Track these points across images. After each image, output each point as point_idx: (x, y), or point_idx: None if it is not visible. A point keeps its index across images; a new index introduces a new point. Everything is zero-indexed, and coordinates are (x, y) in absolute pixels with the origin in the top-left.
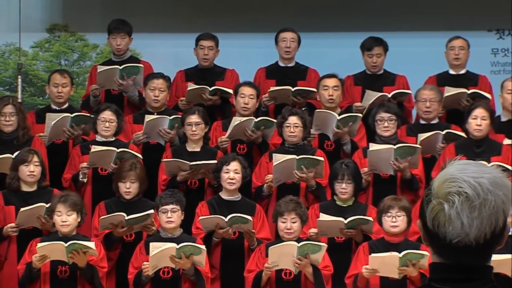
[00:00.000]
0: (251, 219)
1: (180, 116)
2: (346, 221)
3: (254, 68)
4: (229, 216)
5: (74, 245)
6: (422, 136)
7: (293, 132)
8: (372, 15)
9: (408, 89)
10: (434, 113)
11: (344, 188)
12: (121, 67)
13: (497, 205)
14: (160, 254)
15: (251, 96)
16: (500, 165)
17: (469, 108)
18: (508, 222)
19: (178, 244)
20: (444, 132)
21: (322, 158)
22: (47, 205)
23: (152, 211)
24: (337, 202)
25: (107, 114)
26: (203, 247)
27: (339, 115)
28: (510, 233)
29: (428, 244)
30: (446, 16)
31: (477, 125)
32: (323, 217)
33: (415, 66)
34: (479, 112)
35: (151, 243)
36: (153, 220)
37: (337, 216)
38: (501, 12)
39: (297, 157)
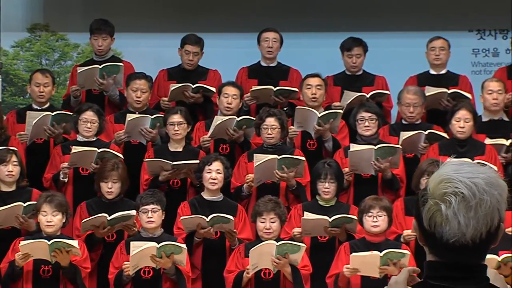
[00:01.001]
0: (232, 219)
1: (162, 115)
2: (330, 220)
3: (236, 68)
4: (210, 216)
5: (58, 244)
6: (404, 135)
7: (271, 134)
8: (353, 15)
9: (387, 89)
10: (417, 116)
11: (327, 188)
12: (101, 66)
13: (492, 204)
14: (140, 254)
15: (234, 96)
16: (482, 163)
17: (452, 110)
18: (502, 224)
19: (158, 244)
20: (426, 132)
21: (303, 158)
22: (25, 205)
23: (134, 211)
24: (320, 202)
25: (89, 115)
26: (184, 246)
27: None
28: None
29: (423, 244)
30: (427, 16)
31: (460, 127)
32: (308, 215)
33: (396, 66)
34: (462, 114)
35: (131, 243)
36: (134, 221)
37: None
38: (482, 13)
39: (279, 157)
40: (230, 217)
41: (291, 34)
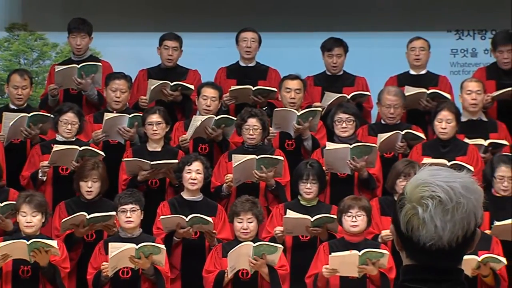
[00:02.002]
0: (211, 220)
1: (140, 114)
2: (312, 219)
3: (215, 67)
4: (190, 216)
5: (36, 244)
6: (382, 137)
7: (252, 135)
8: (332, 15)
9: (368, 90)
10: (397, 117)
11: (309, 188)
12: (79, 66)
13: (469, 208)
14: (119, 255)
15: (213, 98)
16: (461, 165)
17: (435, 110)
18: (478, 229)
19: (137, 244)
20: (403, 132)
21: (281, 158)
22: (2, 204)
23: (114, 212)
24: (302, 202)
25: (70, 116)
26: (163, 246)
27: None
28: None
29: (400, 248)
30: (406, 17)
31: (442, 128)
32: (290, 214)
33: (376, 67)
34: (444, 115)
35: (110, 244)
36: (114, 221)
37: None
38: (460, 13)
39: (257, 157)
40: (209, 218)
41: (270, 34)
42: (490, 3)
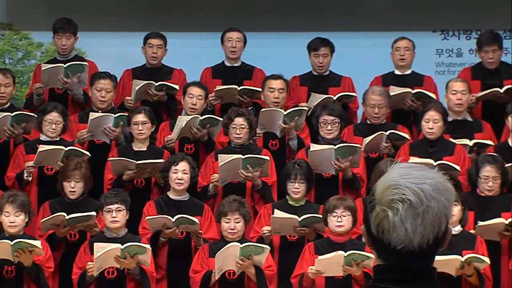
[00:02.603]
0: (197, 221)
1: (125, 114)
2: (300, 219)
3: (200, 67)
4: (176, 217)
5: (20, 244)
6: (366, 140)
7: (239, 134)
8: (318, 15)
9: (354, 90)
10: (382, 117)
11: (296, 188)
12: (65, 65)
13: (439, 210)
14: (104, 255)
15: (199, 97)
16: (448, 165)
17: (422, 111)
18: (449, 227)
19: (122, 244)
20: (388, 133)
21: (267, 157)
22: None
23: (94, 212)
24: (289, 202)
25: (54, 116)
26: (148, 246)
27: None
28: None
29: (372, 248)
30: (392, 17)
31: (429, 128)
32: (278, 213)
33: (362, 67)
34: (431, 115)
35: (95, 244)
36: (96, 221)
37: None
38: (446, 13)
39: (243, 157)
40: (195, 219)
41: (255, 34)
42: (475, 4)
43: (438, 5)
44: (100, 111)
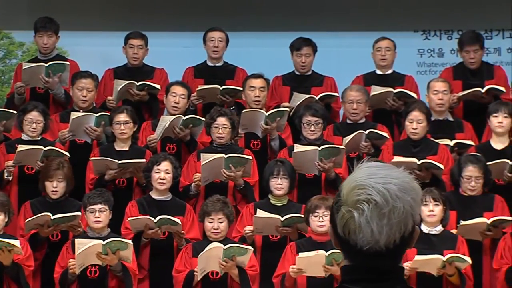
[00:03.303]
0: (180, 222)
1: (107, 113)
2: (282, 219)
3: (183, 67)
4: (158, 217)
5: None
6: (346, 139)
7: (221, 134)
8: (300, 15)
9: (336, 90)
10: (361, 114)
11: (279, 184)
12: (46, 65)
13: (406, 210)
14: (86, 252)
15: (182, 96)
16: (433, 164)
17: (406, 110)
18: (416, 227)
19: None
20: (367, 132)
21: (250, 157)
22: None
23: (79, 212)
24: (272, 201)
25: (34, 115)
26: (129, 241)
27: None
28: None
29: (339, 249)
30: (373, 17)
31: (413, 128)
32: (260, 213)
33: (344, 66)
34: (415, 115)
35: (76, 240)
36: (80, 221)
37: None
38: (427, 13)
39: (225, 156)
40: (178, 220)
41: (238, 34)
42: (456, 4)
43: (419, 5)
44: (81, 111)
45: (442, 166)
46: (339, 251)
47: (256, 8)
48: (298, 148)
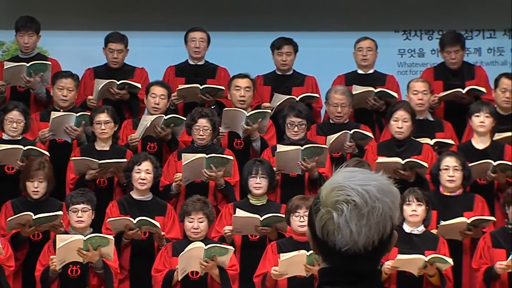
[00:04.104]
0: (159, 225)
1: (87, 113)
2: (261, 218)
3: (164, 66)
4: (138, 218)
5: None
6: (331, 139)
7: (202, 135)
8: (281, 15)
9: (317, 89)
10: (345, 117)
11: (258, 183)
12: (28, 64)
13: (384, 212)
14: (67, 247)
15: (162, 96)
16: (417, 162)
17: (391, 110)
18: (395, 231)
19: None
20: (351, 132)
21: (231, 157)
22: None
23: (60, 212)
24: (251, 201)
25: (15, 115)
26: (111, 237)
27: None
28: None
29: (317, 252)
30: (354, 17)
31: (398, 127)
32: (239, 213)
33: (325, 66)
34: (400, 114)
35: (58, 236)
36: (61, 221)
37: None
38: (408, 13)
39: (207, 156)
40: (157, 223)
41: (219, 33)
42: (436, 4)
43: (400, 6)
44: (61, 110)
45: (426, 165)
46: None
47: (238, 8)
48: (280, 148)
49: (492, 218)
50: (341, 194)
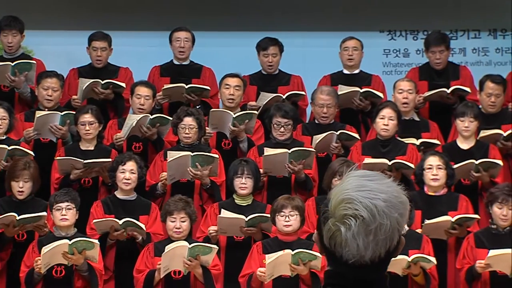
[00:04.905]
0: (144, 227)
1: (72, 112)
2: (246, 219)
3: (148, 66)
4: (123, 220)
5: None
6: (317, 138)
7: (188, 134)
8: (267, 14)
9: (303, 88)
10: (330, 117)
11: (244, 183)
12: (13, 64)
13: (392, 227)
14: (52, 251)
15: (147, 97)
16: (403, 163)
17: (377, 108)
18: (402, 237)
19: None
20: (338, 133)
21: (217, 156)
22: None
23: (45, 213)
24: (236, 201)
25: None
26: (96, 241)
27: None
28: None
29: (324, 255)
30: (340, 17)
31: (384, 124)
32: (224, 213)
33: (311, 66)
34: (387, 112)
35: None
36: (45, 222)
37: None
38: (393, 14)
39: (192, 154)
40: (142, 225)
41: (204, 33)
42: (422, 4)
43: (385, 6)
44: (46, 110)
45: (412, 166)
46: (307, 250)
47: (223, 8)
48: (268, 151)
49: (476, 216)
50: (350, 207)
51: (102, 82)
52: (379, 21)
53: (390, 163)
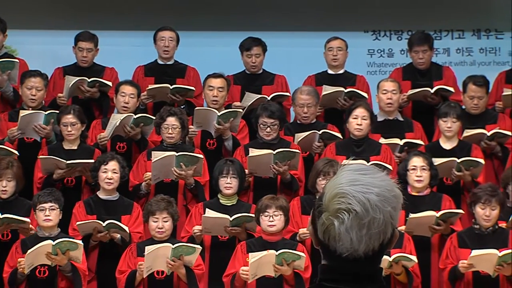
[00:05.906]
0: (128, 229)
1: (55, 111)
2: (231, 219)
3: (133, 66)
4: (106, 222)
5: None
6: (299, 137)
7: (171, 134)
8: (251, 14)
9: (287, 88)
10: (311, 117)
11: (229, 183)
12: None
13: (385, 221)
14: (36, 252)
15: (132, 95)
16: (381, 164)
17: (350, 108)
18: (395, 230)
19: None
20: (320, 132)
21: (201, 156)
22: None
23: (28, 219)
24: (221, 201)
25: None
26: (80, 242)
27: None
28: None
29: (318, 248)
30: (324, 17)
31: (357, 124)
32: (209, 213)
33: (295, 66)
34: (360, 111)
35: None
36: (30, 226)
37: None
38: (377, 13)
39: (176, 154)
40: (126, 227)
41: (188, 33)
42: (406, 4)
43: (369, 6)
44: (30, 109)
45: (390, 167)
46: (290, 251)
47: (207, 8)
48: (253, 152)
49: (461, 210)
50: (343, 202)
51: (89, 80)
52: (363, 21)
53: (368, 165)
